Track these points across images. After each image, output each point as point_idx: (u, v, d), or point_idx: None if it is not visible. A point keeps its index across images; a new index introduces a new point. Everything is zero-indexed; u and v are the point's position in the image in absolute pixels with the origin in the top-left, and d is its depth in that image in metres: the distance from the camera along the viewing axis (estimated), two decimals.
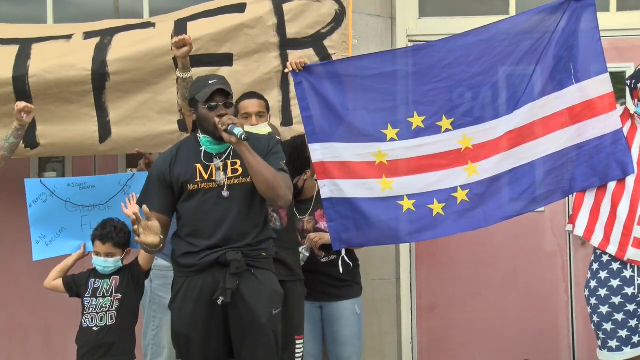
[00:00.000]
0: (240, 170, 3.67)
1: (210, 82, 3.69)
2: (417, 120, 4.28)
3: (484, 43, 4.22)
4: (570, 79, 4.16)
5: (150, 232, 3.56)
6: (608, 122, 4.09)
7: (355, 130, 4.29)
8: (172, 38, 4.62)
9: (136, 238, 3.56)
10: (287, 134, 4.63)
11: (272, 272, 3.76)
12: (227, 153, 3.73)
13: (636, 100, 4.09)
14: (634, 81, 4.10)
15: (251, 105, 4.24)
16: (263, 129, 4.14)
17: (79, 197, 4.17)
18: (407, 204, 4.29)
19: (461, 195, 4.26)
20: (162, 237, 3.63)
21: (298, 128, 4.60)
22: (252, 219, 3.69)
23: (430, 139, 4.27)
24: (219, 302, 3.57)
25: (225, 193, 3.66)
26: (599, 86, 4.12)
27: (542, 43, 4.16)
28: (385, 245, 4.50)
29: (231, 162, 3.70)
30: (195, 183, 3.68)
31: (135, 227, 3.53)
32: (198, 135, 3.77)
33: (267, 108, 4.33)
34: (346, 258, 4.42)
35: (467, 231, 4.38)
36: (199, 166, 3.70)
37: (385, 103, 4.30)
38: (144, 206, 3.57)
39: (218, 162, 3.70)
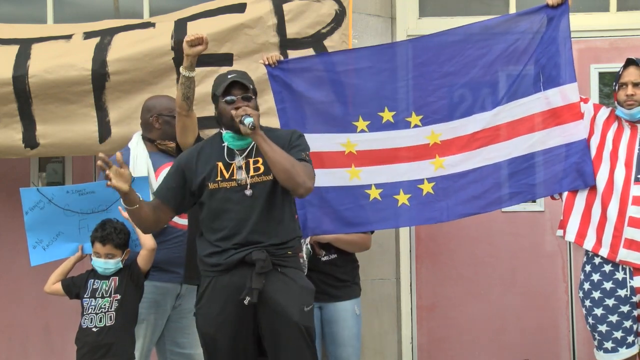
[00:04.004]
0: (262, 168, 3.61)
1: (229, 76, 3.65)
2: (387, 115, 4.33)
3: (457, 44, 4.28)
4: (539, 86, 4.19)
5: (121, 179, 3.48)
6: (573, 131, 4.12)
7: (327, 122, 4.35)
8: (171, 38, 4.66)
9: (108, 182, 3.46)
10: None
11: (300, 270, 3.72)
12: (249, 150, 3.66)
13: (615, 102, 4.12)
14: (614, 83, 4.13)
15: None
16: None
17: (78, 204, 4.14)
18: (374, 193, 4.34)
19: (427, 188, 4.31)
20: (140, 198, 3.58)
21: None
22: (276, 217, 3.62)
23: (399, 133, 4.32)
24: (246, 302, 3.50)
25: (248, 192, 3.59)
26: (567, 95, 4.15)
27: (515, 48, 4.21)
28: (350, 233, 4.49)
29: (253, 160, 3.64)
30: (215, 182, 3.62)
31: (107, 172, 3.45)
32: (222, 131, 3.71)
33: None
34: (309, 246, 4.42)
35: (427, 224, 4.49)
36: (220, 164, 3.64)
37: (357, 97, 4.35)
38: (117, 153, 3.52)
39: (240, 161, 3.63)
